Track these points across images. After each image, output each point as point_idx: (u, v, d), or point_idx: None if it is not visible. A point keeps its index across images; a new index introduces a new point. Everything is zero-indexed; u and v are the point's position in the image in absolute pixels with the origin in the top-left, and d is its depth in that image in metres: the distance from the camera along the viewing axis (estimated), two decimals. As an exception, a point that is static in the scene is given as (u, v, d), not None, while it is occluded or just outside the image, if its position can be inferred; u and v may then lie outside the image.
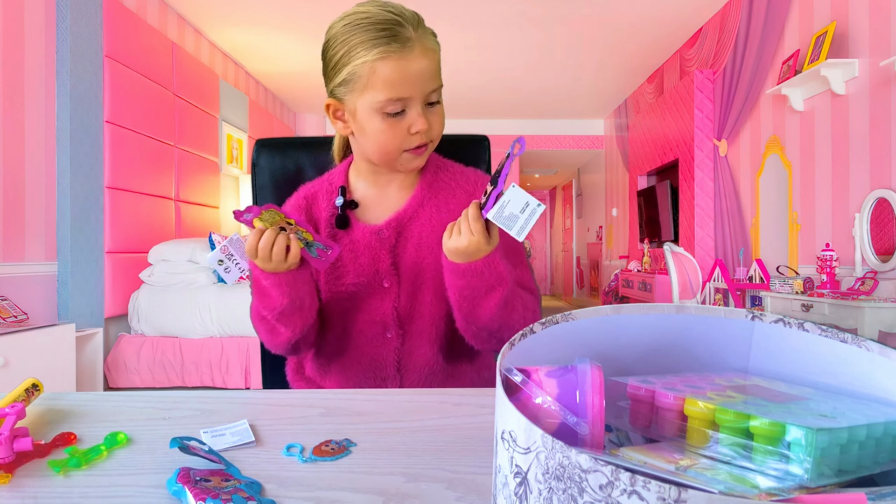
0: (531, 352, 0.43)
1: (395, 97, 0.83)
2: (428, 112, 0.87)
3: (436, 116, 0.88)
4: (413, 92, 0.83)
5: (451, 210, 0.94)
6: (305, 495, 0.48)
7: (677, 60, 4.94)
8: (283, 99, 6.51)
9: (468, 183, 0.97)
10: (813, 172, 3.13)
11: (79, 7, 3.04)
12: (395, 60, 0.81)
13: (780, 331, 0.46)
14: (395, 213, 0.94)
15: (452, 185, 0.96)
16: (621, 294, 5.49)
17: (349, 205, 0.95)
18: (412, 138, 0.86)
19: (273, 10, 4.15)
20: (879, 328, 2.31)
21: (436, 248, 0.93)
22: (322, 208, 0.96)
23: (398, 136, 0.86)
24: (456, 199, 0.95)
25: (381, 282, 0.94)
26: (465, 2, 4.10)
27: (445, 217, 0.94)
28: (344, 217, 0.94)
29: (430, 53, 0.84)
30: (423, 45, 0.83)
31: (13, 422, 0.55)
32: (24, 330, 2.36)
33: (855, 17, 2.81)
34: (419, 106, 0.85)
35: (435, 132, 0.89)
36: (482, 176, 0.99)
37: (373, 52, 0.81)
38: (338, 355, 0.97)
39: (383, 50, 0.81)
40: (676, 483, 0.25)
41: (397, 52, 0.81)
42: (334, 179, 0.98)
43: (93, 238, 3.17)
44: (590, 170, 8.14)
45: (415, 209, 0.94)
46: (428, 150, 0.91)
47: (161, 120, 3.83)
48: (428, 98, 0.86)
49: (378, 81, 0.82)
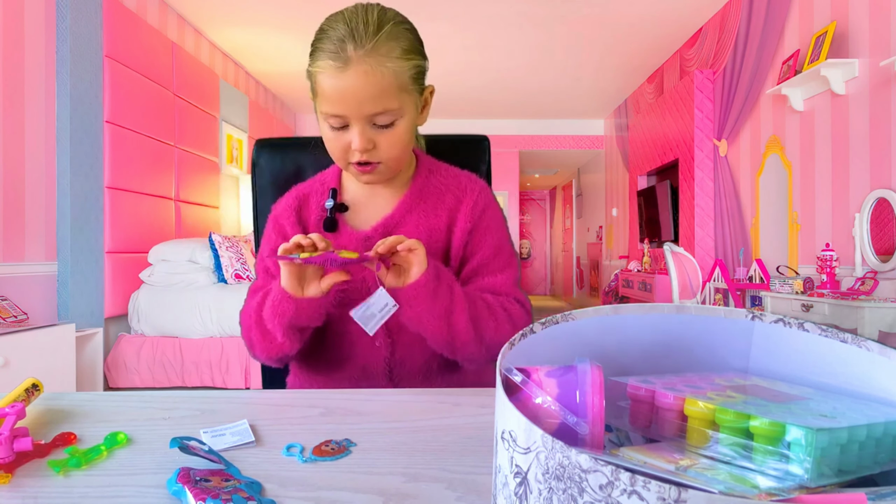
0: (531, 352, 0.43)
1: (332, 113, 0.82)
2: (375, 132, 0.84)
3: (385, 138, 0.84)
4: (348, 111, 0.81)
5: (438, 215, 0.93)
6: (305, 495, 0.48)
7: (677, 60, 4.94)
8: (283, 99, 6.51)
9: (458, 188, 0.95)
10: (813, 172, 3.13)
11: (79, 7, 3.04)
12: (330, 77, 0.80)
13: (780, 331, 0.46)
14: (383, 218, 0.93)
15: (442, 189, 0.95)
16: (621, 294, 5.49)
17: (339, 208, 0.94)
18: (354, 154, 0.85)
19: (273, 10, 4.15)
20: (879, 328, 2.31)
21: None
22: (312, 210, 0.96)
23: (340, 147, 0.85)
24: (444, 205, 0.94)
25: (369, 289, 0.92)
26: (465, 2, 4.10)
27: (433, 222, 0.93)
28: (332, 220, 0.93)
29: (371, 75, 0.79)
30: (363, 66, 0.79)
31: (13, 422, 0.55)
32: (24, 330, 2.36)
33: (855, 17, 2.81)
34: (360, 125, 0.82)
35: (383, 154, 0.85)
36: (475, 181, 0.97)
37: (317, 64, 0.82)
38: (329, 365, 0.96)
39: (322, 64, 0.81)
40: (676, 483, 0.25)
41: (332, 69, 0.80)
42: (326, 180, 0.98)
43: (93, 238, 3.17)
44: (590, 170, 8.14)
45: (402, 215, 0.93)
46: (380, 171, 0.88)
47: (161, 120, 3.83)
48: (372, 119, 0.83)
49: (320, 93, 0.83)
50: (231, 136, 4.96)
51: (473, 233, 0.93)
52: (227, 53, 5.05)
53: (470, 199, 0.94)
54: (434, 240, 0.93)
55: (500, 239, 0.95)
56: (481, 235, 0.94)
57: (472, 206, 0.94)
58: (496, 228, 0.95)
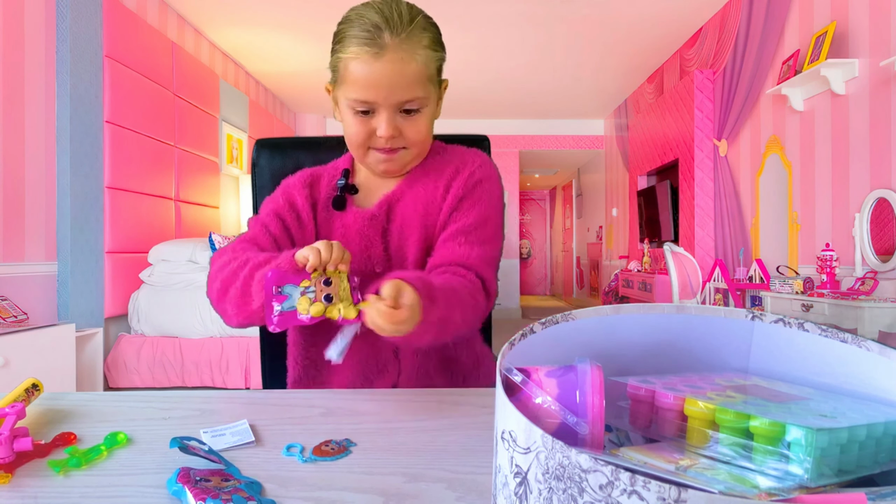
0: (531, 352, 0.43)
1: (361, 99, 0.84)
2: (401, 119, 0.86)
3: (411, 124, 0.87)
4: (378, 98, 0.83)
5: (437, 187, 0.93)
6: (305, 495, 0.48)
7: (677, 60, 4.94)
8: (283, 99, 6.51)
9: (461, 161, 0.95)
10: (813, 172, 3.13)
11: (79, 7, 3.04)
12: (364, 63, 0.81)
13: (780, 331, 0.46)
14: (385, 195, 0.94)
15: (444, 164, 0.95)
16: (621, 294, 5.49)
17: (349, 188, 0.96)
18: (379, 140, 0.87)
19: (273, 10, 4.15)
20: (879, 328, 2.31)
21: (418, 228, 0.92)
22: (322, 189, 0.97)
23: (364, 132, 0.87)
24: (444, 177, 0.93)
25: (374, 268, 0.92)
26: (465, 2, 4.10)
27: (431, 194, 0.92)
28: (342, 199, 0.94)
29: (407, 62, 0.82)
30: (399, 52, 0.81)
31: (13, 422, 0.55)
32: (24, 330, 2.36)
33: (855, 17, 2.81)
34: (388, 112, 0.84)
35: (408, 141, 0.88)
36: (478, 154, 0.96)
37: (348, 51, 0.82)
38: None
39: (355, 51, 0.82)
40: (676, 483, 0.25)
41: (367, 55, 0.81)
42: (339, 164, 1.00)
43: (93, 238, 3.17)
44: (590, 170, 8.14)
45: (403, 191, 0.94)
46: (402, 156, 0.90)
47: (161, 120, 3.83)
48: (400, 106, 0.85)
49: (349, 80, 0.84)
50: (231, 136, 4.96)
51: (463, 200, 0.91)
52: (227, 53, 5.05)
53: (467, 170, 0.93)
54: (431, 212, 0.93)
55: (489, 213, 0.92)
56: (470, 204, 0.91)
57: (468, 175, 0.93)
58: (488, 201, 0.93)
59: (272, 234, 0.92)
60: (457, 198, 0.92)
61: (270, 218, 0.93)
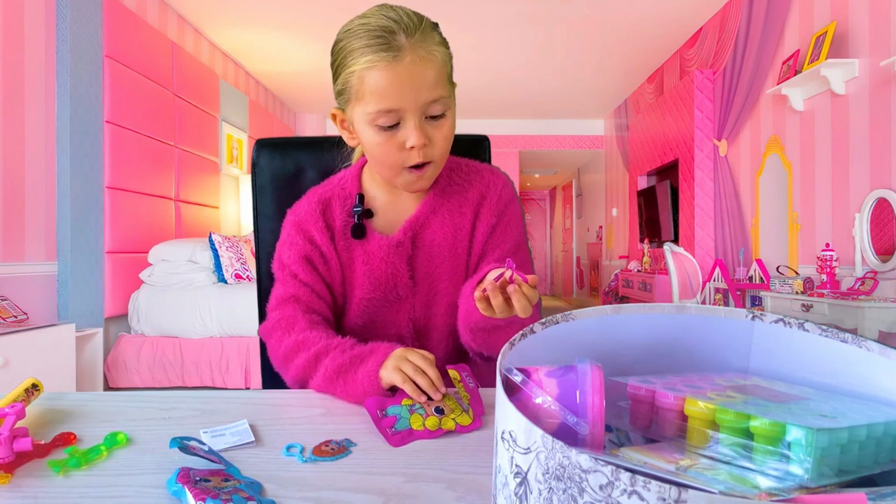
0: (531, 352, 0.43)
1: (385, 108, 0.78)
2: (428, 125, 0.81)
3: (438, 131, 0.81)
4: (404, 103, 0.78)
5: (463, 213, 0.92)
6: (305, 495, 0.48)
7: (677, 60, 4.94)
8: (283, 99, 6.51)
9: (482, 183, 0.94)
10: (813, 172, 3.13)
11: (79, 7, 3.03)
12: (383, 70, 0.76)
13: (780, 331, 0.46)
14: (408, 220, 0.91)
15: (465, 185, 0.94)
16: (621, 294, 5.49)
17: (365, 214, 0.92)
18: (410, 154, 0.81)
19: (273, 10, 4.15)
20: (879, 328, 2.31)
21: (449, 256, 0.91)
22: (337, 216, 0.92)
23: (393, 150, 0.81)
24: (469, 202, 0.93)
25: (398, 293, 0.92)
26: (465, 2, 4.10)
27: (458, 221, 0.92)
28: (361, 227, 0.90)
29: (428, 61, 0.78)
30: (419, 52, 0.77)
31: (13, 422, 0.55)
32: (24, 330, 2.36)
33: (855, 17, 2.81)
34: (415, 118, 0.79)
35: (437, 149, 0.82)
36: (497, 175, 0.96)
37: (361, 62, 0.77)
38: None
39: (371, 59, 0.76)
40: (676, 483, 0.25)
41: (386, 60, 0.76)
42: (347, 185, 0.94)
43: (93, 238, 3.17)
44: (590, 170, 8.14)
45: (426, 216, 0.91)
46: (431, 172, 0.85)
47: (161, 120, 3.83)
48: (427, 110, 0.79)
49: (367, 92, 0.78)
50: (231, 136, 4.96)
51: (497, 227, 0.93)
52: (227, 53, 5.05)
53: (494, 194, 0.93)
54: (459, 238, 0.92)
55: (520, 234, 0.95)
56: (503, 229, 0.93)
57: (496, 200, 0.93)
58: (517, 223, 0.95)
59: (307, 284, 0.90)
60: (489, 226, 0.92)
61: (299, 266, 0.90)
